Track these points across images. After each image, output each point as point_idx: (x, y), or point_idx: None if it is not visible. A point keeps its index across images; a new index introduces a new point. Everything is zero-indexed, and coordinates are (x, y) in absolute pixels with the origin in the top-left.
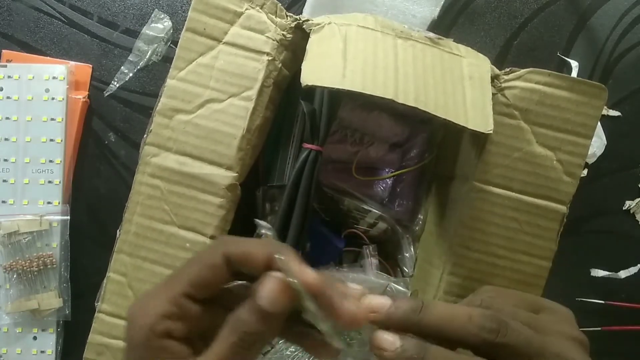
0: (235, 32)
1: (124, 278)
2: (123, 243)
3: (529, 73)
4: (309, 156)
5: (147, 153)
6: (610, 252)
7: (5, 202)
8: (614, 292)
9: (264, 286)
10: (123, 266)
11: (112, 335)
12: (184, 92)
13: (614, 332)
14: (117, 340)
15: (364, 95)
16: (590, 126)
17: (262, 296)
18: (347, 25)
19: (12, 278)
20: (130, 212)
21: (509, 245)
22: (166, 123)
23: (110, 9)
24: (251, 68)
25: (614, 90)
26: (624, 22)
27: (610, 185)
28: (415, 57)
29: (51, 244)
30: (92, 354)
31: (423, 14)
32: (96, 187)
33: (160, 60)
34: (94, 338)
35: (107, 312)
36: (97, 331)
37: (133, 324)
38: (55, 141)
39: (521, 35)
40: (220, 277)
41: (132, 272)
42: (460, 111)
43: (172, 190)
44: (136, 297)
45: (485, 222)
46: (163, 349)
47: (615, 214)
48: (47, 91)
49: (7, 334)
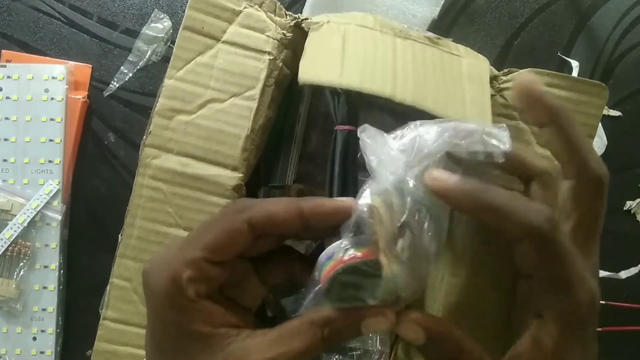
0: (234, 31)
1: (128, 283)
2: (126, 247)
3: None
4: (349, 135)
5: (147, 155)
6: (611, 253)
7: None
8: (614, 293)
9: (376, 319)
10: (127, 271)
11: (119, 342)
12: (183, 92)
13: (615, 332)
14: (124, 346)
15: (361, 93)
16: (592, 125)
17: (370, 324)
18: (346, 24)
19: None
20: (132, 216)
21: None
22: (166, 124)
23: (110, 9)
24: (252, 67)
25: (615, 90)
26: (624, 22)
27: (610, 185)
28: (414, 56)
29: (50, 244)
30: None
31: (423, 14)
32: (96, 187)
33: (160, 60)
34: (100, 346)
35: (112, 318)
36: (102, 339)
37: (154, 287)
38: (55, 141)
39: (521, 35)
40: (243, 242)
41: (137, 277)
42: (459, 110)
43: (175, 192)
44: (142, 301)
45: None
46: (199, 309)
47: (616, 214)
48: (46, 91)
49: (6, 334)
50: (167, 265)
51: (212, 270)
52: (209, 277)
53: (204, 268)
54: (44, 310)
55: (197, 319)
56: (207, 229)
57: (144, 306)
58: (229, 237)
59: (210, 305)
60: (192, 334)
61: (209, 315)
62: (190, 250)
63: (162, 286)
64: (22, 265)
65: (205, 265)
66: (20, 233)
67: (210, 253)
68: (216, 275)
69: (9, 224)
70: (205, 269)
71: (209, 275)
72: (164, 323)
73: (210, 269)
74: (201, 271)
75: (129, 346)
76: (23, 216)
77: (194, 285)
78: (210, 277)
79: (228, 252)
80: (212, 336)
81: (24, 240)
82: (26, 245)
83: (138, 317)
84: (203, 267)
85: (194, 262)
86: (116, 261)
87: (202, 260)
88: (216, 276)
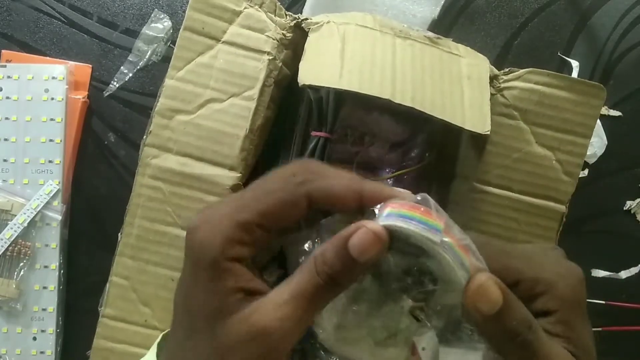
0: (235, 31)
1: (126, 281)
2: (125, 246)
3: (528, 73)
4: (317, 144)
5: (147, 154)
6: (611, 253)
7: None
8: (614, 293)
9: (358, 235)
10: (125, 269)
11: (116, 339)
12: (183, 92)
13: (615, 332)
14: (122, 344)
15: (361, 95)
16: (589, 126)
17: (354, 244)
18: (345, 24)
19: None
20: (132, 215)
21: None
22: (165, 124)
23: (110, 9)
24: (252, 67)
25: (615, 90)
26: (624, 22)
27: (610, 185)
28: (413, 56)
29: (50, 244)
30: (97, 359)
31: (423, 14)
32: (96, 187)
33: (160, 61)
34: (99, 343)
35: (111, 316)
36: (101, 336)
37: (200, 243)
38: (55, 141)
39: (522, 35)
40: (298, 214)
41: (135, 275)
42: (458, 111)
43: (174, 192)
44: (140, 300)
45: (485, 222)
46: (231, 271)
47: (616, 214)
48: (46, 91)
49: (6, 334)
50: (218, 222)
51: (262, 237)
52: (256, 243)
53: (256, 233)
54: (44, 310)
55: (227, 281)
56: (265, 195)
57: (143, 305)
58: (287, 208)
59: (243, 270)
60: (216, 295)
61: (238, 279)
62: (244, 213)
63: (208, 243)
64: (22, 265)
65: (257, 230)
66: (20, 233)
67: (265, 220)
68: (263, 241)
69: (9, 224)
70: (256, 235)
71: (258, 241)
72: (198, 280)
73: (260, 235)
74: (252, 235)
75: (125, 344)
76: (23, 216)
77: (238, 248)
78: (257, 243)
79: (282, 221)
80: (231, 301)
81: (24, 240)
82: (26, 245)
83: (135, 315)
84: (255, 232)
85: (246, 226)
86: (115, 260)
87: (256, 225)
88: (262, 242)
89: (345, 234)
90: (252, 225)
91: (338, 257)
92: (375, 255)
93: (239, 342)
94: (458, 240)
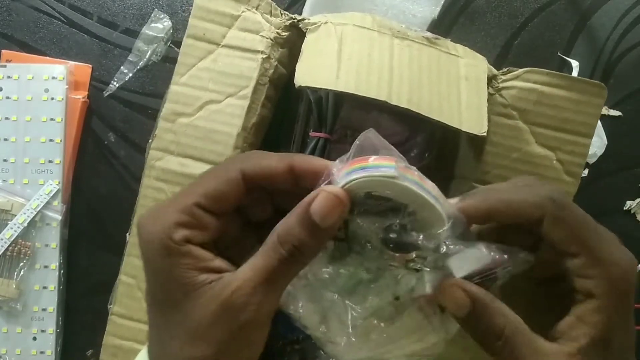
0: (233, 35)
1: (133, 280)
2: (132, 246)
3: (527, 73)
4: (317, 144)
5: (152, 157)
6: None
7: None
8: None
9: (319, 200)
10: (133, 269)
11: (124, 337)
12: (185, 96)
13: None
14: (129, 341)
15: (357, 96)
16: (591, 125)
17: (315, 210)
18: (343, 25)
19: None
20: (138, 216)
21: None
22: (169, 127)
23: (110, 9)
24: (247, 67)
25: (615, 90)
26: (624, 22)
27: (611, 185)
28: (411, 57)
29: (50, 244)
30: (107, 356)
31: (423, 14)
32: (96, 187)
33: (160, 60)
34: (108, 340)
35: (119, 314)
36: (110, 333)
37: (146, 236)
38: (55, 141)
39: (522, 35)
40: (236, 192)
41: (142, 274)
42: (455, 113)
43: (175, 192)
44: None
45: None
46: (185, 254)
47: (616, 214)
48: (46, 91)
49: (6, 334)
50: (160, 213)
51: (205, 218)
52: (202, 225)
53: (197, 214)
54: (44, 310)
55: (184, 264)
56: (201, 179)
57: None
58: (223, 185)
59: (199, 251)
60: (178, 279)
61: (197, 260)
62: (183, 198)
63: (153, 234)
64: (22, 265)
65: (197, 211)
66: (20, 233)
67: (203, 198)
68: (209, 223)
69: (9, 224)
70: (197, 215)
71: (202, 223)
72: (155, 271)
73: (203, 216)
74: (193, 217)
75: (132, 341)
76: (23, 216)
77: (184, 231)
78: (203, 225)
79: (221, 201)
80: (197, 281)
81: (24, 240)
82: (26, 245)
83: (141, 313)
84: (195, 213)
85: (186, 208)
86: (124, 259)
87: (195, 205)
88: (209, 225)
89: (306, 201)
90: (192, 207)
91: (301, 226)
92: (337, 218)
93: (209, 321)
94: (410, 170)
